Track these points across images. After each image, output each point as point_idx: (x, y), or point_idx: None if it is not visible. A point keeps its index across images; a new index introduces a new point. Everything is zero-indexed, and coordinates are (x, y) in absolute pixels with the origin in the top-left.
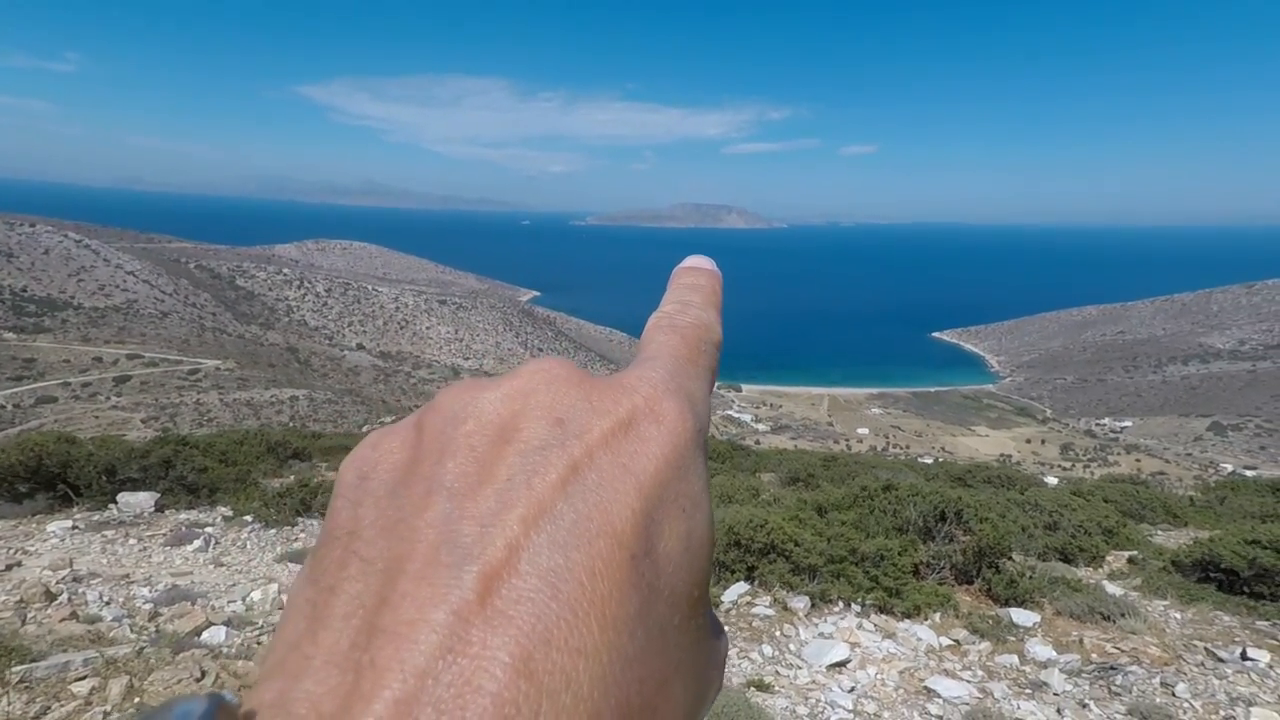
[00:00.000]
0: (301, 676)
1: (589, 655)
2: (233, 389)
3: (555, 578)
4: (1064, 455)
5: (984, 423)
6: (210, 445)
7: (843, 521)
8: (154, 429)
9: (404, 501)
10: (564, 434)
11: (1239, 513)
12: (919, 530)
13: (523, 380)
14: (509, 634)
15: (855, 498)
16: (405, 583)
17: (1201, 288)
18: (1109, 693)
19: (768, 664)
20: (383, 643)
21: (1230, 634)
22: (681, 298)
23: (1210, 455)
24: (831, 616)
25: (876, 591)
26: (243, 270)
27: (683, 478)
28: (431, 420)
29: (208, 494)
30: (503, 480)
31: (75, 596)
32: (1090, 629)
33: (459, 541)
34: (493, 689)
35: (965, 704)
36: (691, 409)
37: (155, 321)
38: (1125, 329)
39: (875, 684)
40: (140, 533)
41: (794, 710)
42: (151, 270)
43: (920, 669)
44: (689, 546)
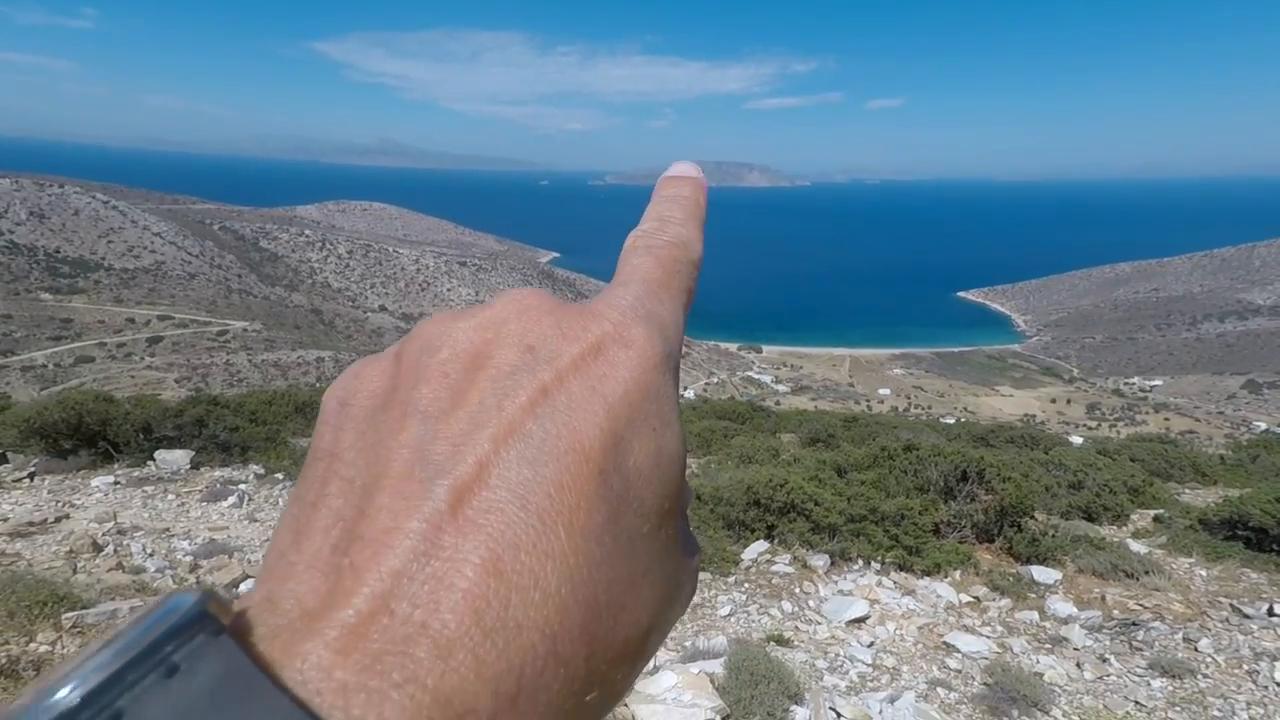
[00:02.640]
0: (286, 580)
1: (556, 558)
2: (260, 350)
3: (524, 490)
4: (1090, 415)
5: (1008, 383)
6: (241, 405)
7: (862, 481)
8: (187, 389)
9: (381, 425)
10: (534, 360)
11: (1271, 471)
12: (940, 490)
13: (496, 310)
14: (479, 539)
15: (875, 458)
16: (381, 497)
17: (1244, 241)
18: (1130, 648)
19: (787, 619)
20: (360, 548)
21: (1257, 590)
22: (661, 213)
23: (1244, 413)
24: (851, 574)
25: (896, 550)
26: (266, 232)
27: (651, 399)
28: (409, 350)
29: (240, 452)
30: (474, 404)
31: (120, 548)
32: (1113, 586)
33: (432, 459)
34: (464, 586)
35: (984, 658)
36: (660, 334)
37: (183, 283)
38: (1160, 286)
39: (894, 639)
40: (178, 489)
41: (813, 664)
42: (178, 232)
43: (940, 625)
44: (659, 463)
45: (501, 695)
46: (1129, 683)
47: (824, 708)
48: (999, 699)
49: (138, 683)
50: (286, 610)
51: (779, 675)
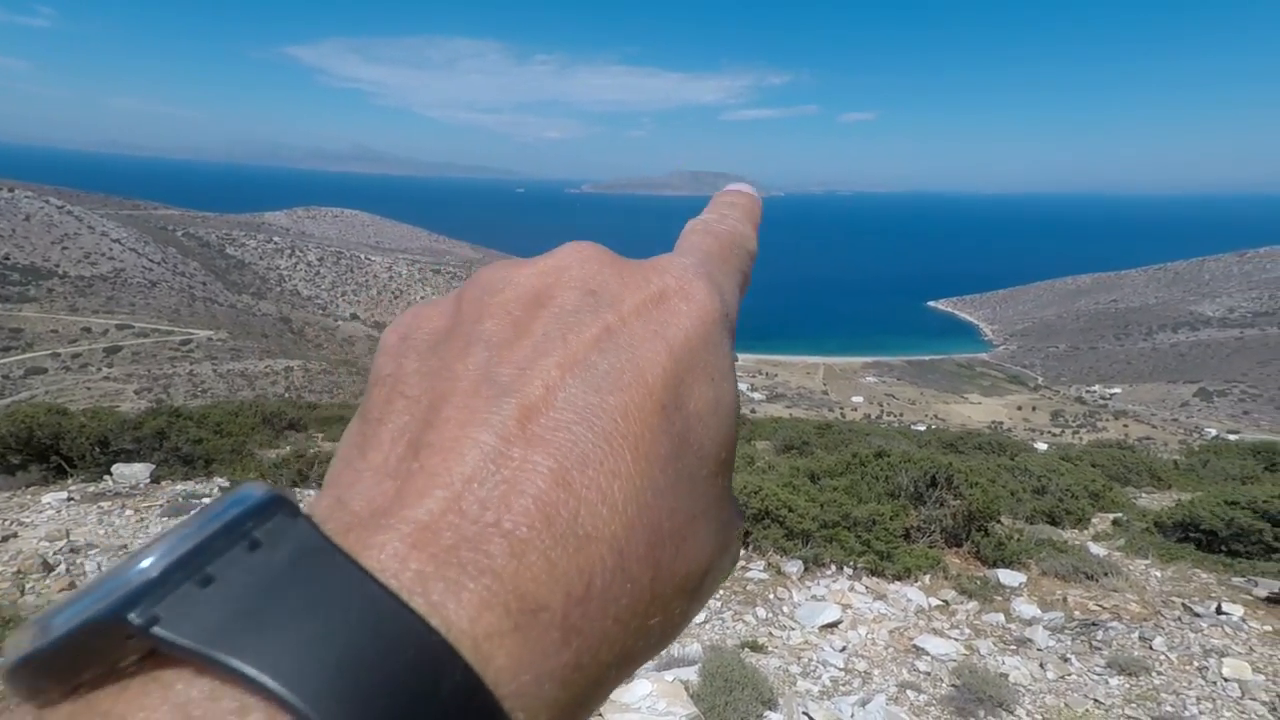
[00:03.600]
0: (354, 484)
1: (623, 478)
2: (226, 360)
3: (590, 414)
4: (1054, 422)
5: (977, 390)
6: (205, 416)
7: (835, 487)
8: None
9: (445, 353)
10: (597, 302)
11: (1220, 475)
12: (910, 495)
13: (557, 257)
14: (548, 452)
15: (848, 464)
16: (448, 410)
17: (1194, 256)
18: (1090, 647)
19: (761, 626)
20: (429, 455)
21: (1207, 590)
22: (721, 210)
23: (1196, 420)
24: (824, 579)
25: (868, 555)
26: (232, 238)
27: (711, 350)
28: (470, 291)
29: (203, 465)
30: (538, 334)
31: (73, 567)
32: (1074, 588)
33: (498, 380)
34: (534, 492)
35: (952, 660)
36: (719, 294)
37: (144, 291)
38: (1118, 297)
39: (866, 643)
40: (136, 504)
41: (787, 669)
42: (138, 238)
43: (910, 628)
44: (717, 410)
45: (573, 598)
46: (1089, 681)
47: (797, 713)
48: (966, 700)
49: (224, 552)
50: (357, 510)
51: (753, 681)
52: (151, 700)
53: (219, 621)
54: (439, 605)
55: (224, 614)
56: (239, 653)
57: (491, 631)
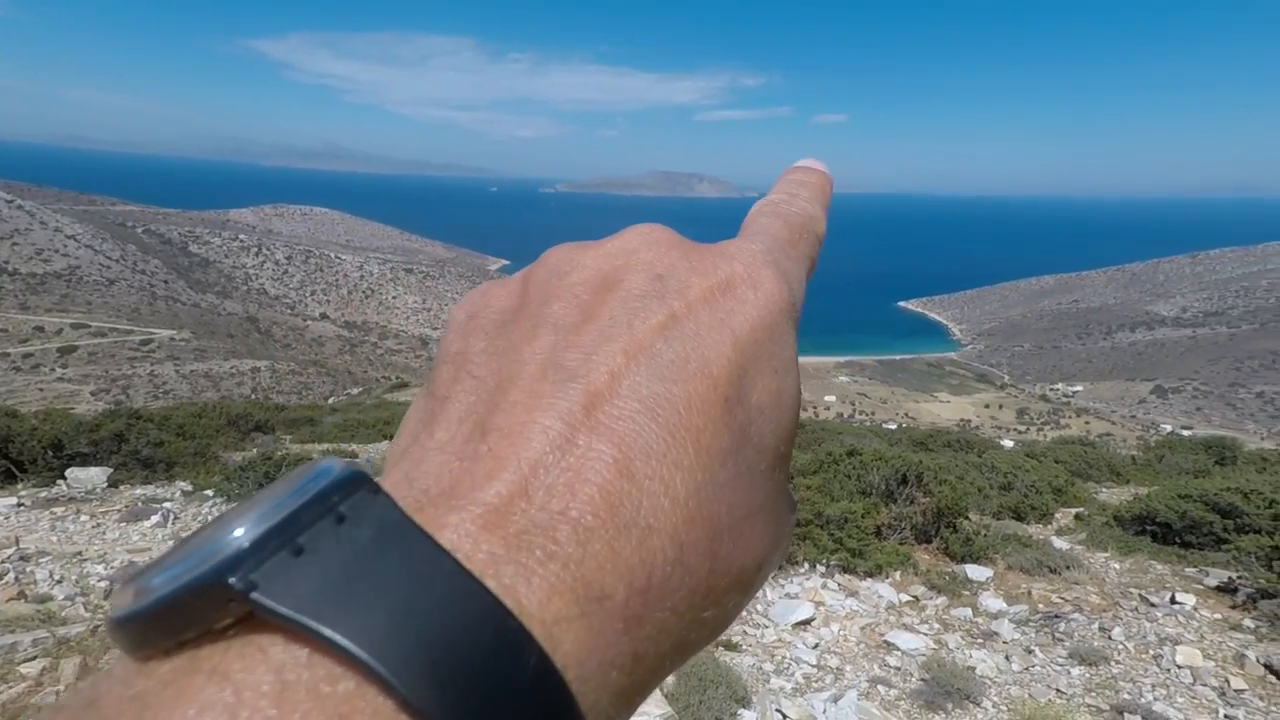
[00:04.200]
0: (421, 462)
1: (685, 470)
2: (189, 360)
3: (654, 404)
4: (1020, 419)
5: (946, 389)
6: (167, 418)
7: (808, 486)
8: (105, 402)
9: (513, 333)
10: (664, 287)
11: (1175, 470)
12: (882, 493)
13: (625, 240)
14: (612, 440)
15: (821, 463)
16: (515, 393)
17: (1150, 258)
18: (1053, 639)
19: (736, 624)
20: (497, 438)
21: (1162, 581)
22: (790, 190)
23: (1152, 417)
24: (797, 577)
25: (840, 552)
26: (196, 236)
27: (775, 342)
28: (538, 273)
29: (165, 469)
30: (605, 319)
31: (23, 576)
32: (1038, 581)
33: (564, 364)
34: (598, 481)
35: (922, 655)
36: (786, 283)
37: (101, 289)
38: (1079, 298)
39: (838, 640)
40: (93, 509)
41: (760, 667)
42: (95, 234)
43: (881, 624)
44: (779, 403)
45: (634, 588)
46: (1051, 672)
47: (770, 710)
48: (935, 693)
49: (313, 524)
50: (425, 489)
51: (727, 680)
52: (250, 662)
53: (312, 591)
54: (511, 588)
55: (317, 584)
56: (331, 622)
57: (560, 616)
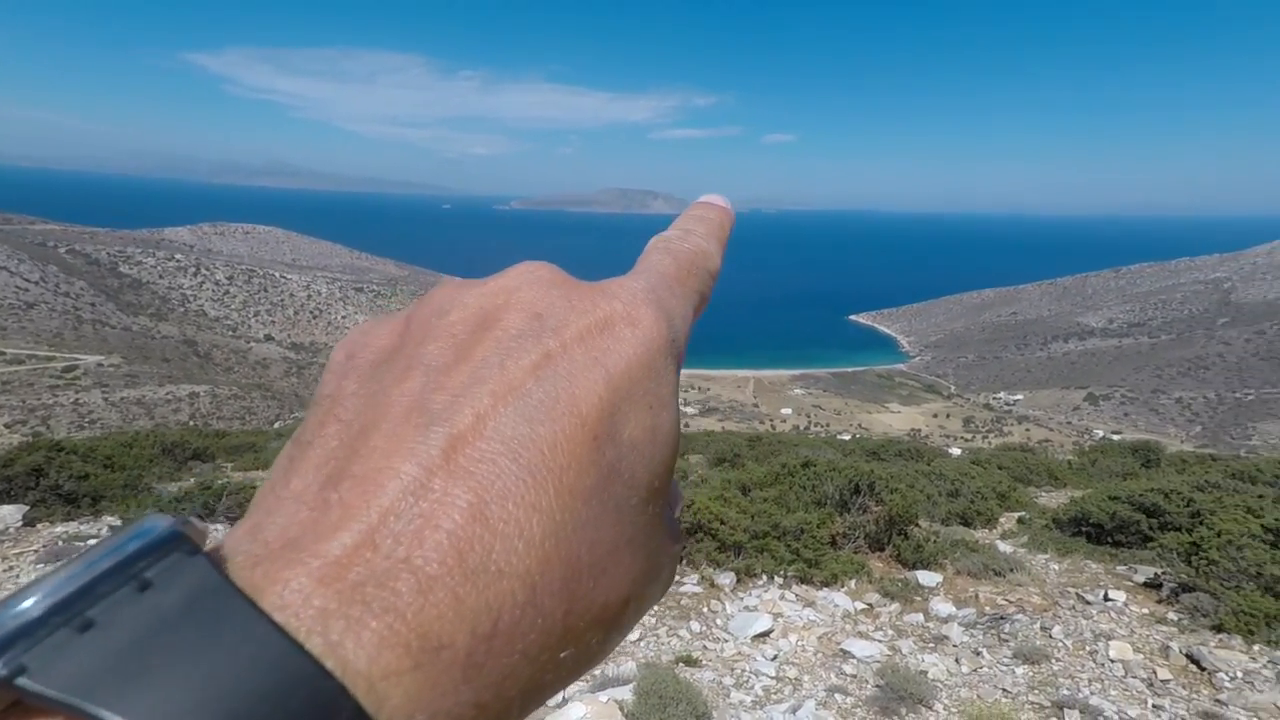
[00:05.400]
0: (272, 512)
1: (543, 512)
2: (120, 387)
3: (518, 445)
4: (966, 428)
5: (896, 400)
6: (92, 450)
7: (765, 498)
8: (21, 434)
9: (385, 375)
10: (541, 327)
11: (1106, 473)
12: (836, 503)
13: (508, 278)
14: (469, 485)
15: (777, 475)
16: (376, 438)
17: (1079, 272)
18: (999, 640)
19: (695, 639)
20: (350, 486)
21: (1096, 579)
22: (685, 225)
23: (1086, 422)
24: (756, 590)
25: (797, 563)
26: (126, 256)
27: (652, 378)
28: (420, 312)
29: (90, 503)
30: (478, 360)
31: None
32: (984, 584)
33: (430, 408)
34: (449, 527)
35: (876, 661)
36: (668, 321)
37: (18, 313)
38: (1017, 310)
39: (796, 650)
40: (5, 550)
41: (720, 681)
42: (9, 255)
43: (837, 633)
44: (653, 439)
45: (478, 635)
46: (998, 672)
47: None
48: (889, 699)
49: (109, 595)
50: (269, 541)
51: (687, 696)
52: None
53: (92, 669)
54: (337, 645)
55: (99, 661)
56: (111, 703)
57: (389, 671)
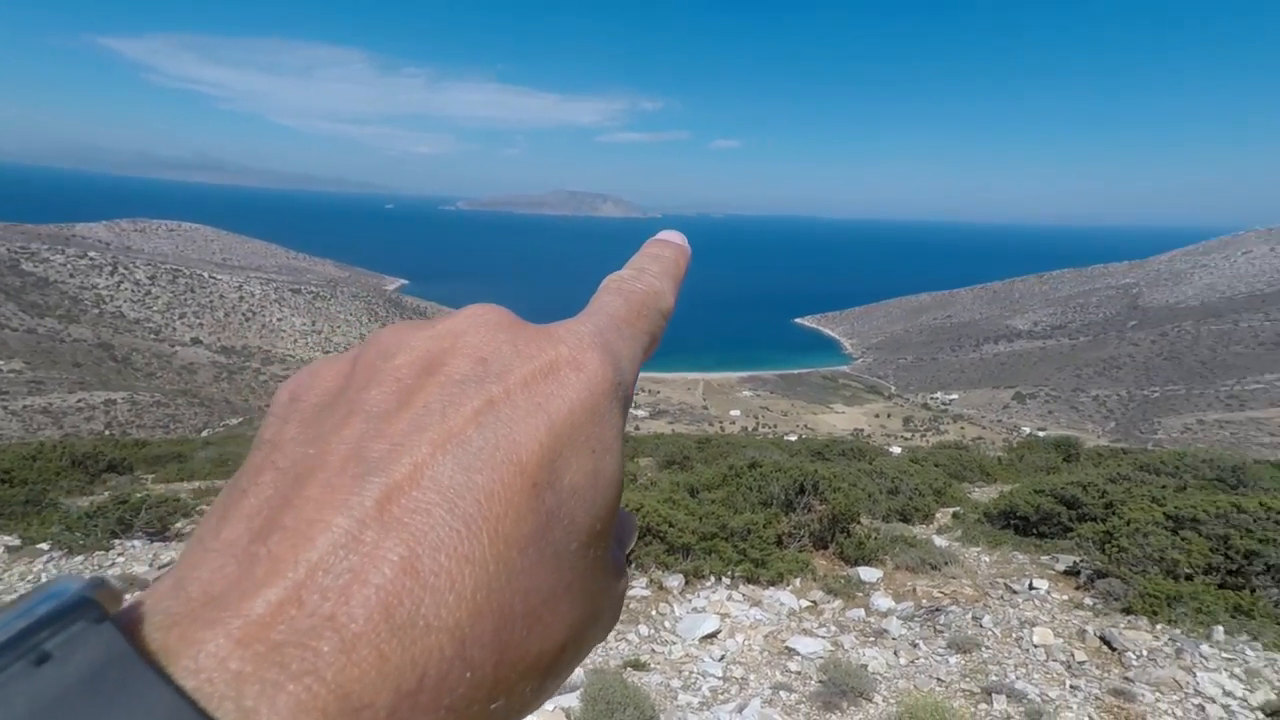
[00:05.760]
0: (198, 566)
1: (476, 563)
2: (21, 394)
3: (454, 494)
4: (906, 427)
5: (840, 400)
6: None
7: (713, 500)
8: None
9: (326, 421)
10: (485, 372)
11: (1032, 468)
12: (781, 503)
13: (456, 322)
14: (401, 537)
15: (725, 477)
16: (312, 488)
17: (1007, 277)
18: (934, 631)
19: (644, 643)
20: (281, 537)
21: (1023, 569)
22: (639, 264)
23: (1014, 420)
24: (704, 591)
25: (744, 563)
26: (30, 252)
27: (596, 422)
28: (366, 354)
29: None
30: (420, 407)
31: None
32: (922, 578)
33: (368, 457)
34: (378, 582)
35: (820, 657)
36: (614, 364)
37: None
38: (952, 313)
39: (743, 650)
40: None
41: (668, 684)
42: None
43: (783, 631)
44: (594, 483)
45: (402, 692)
46: (933, 662)
47: None
48: (831, 694)
49: (4, 669)
50: (192, 597)
51: (635, 700)
52: None
53: None
54: (251, 712)
55: None
56: None
57: None
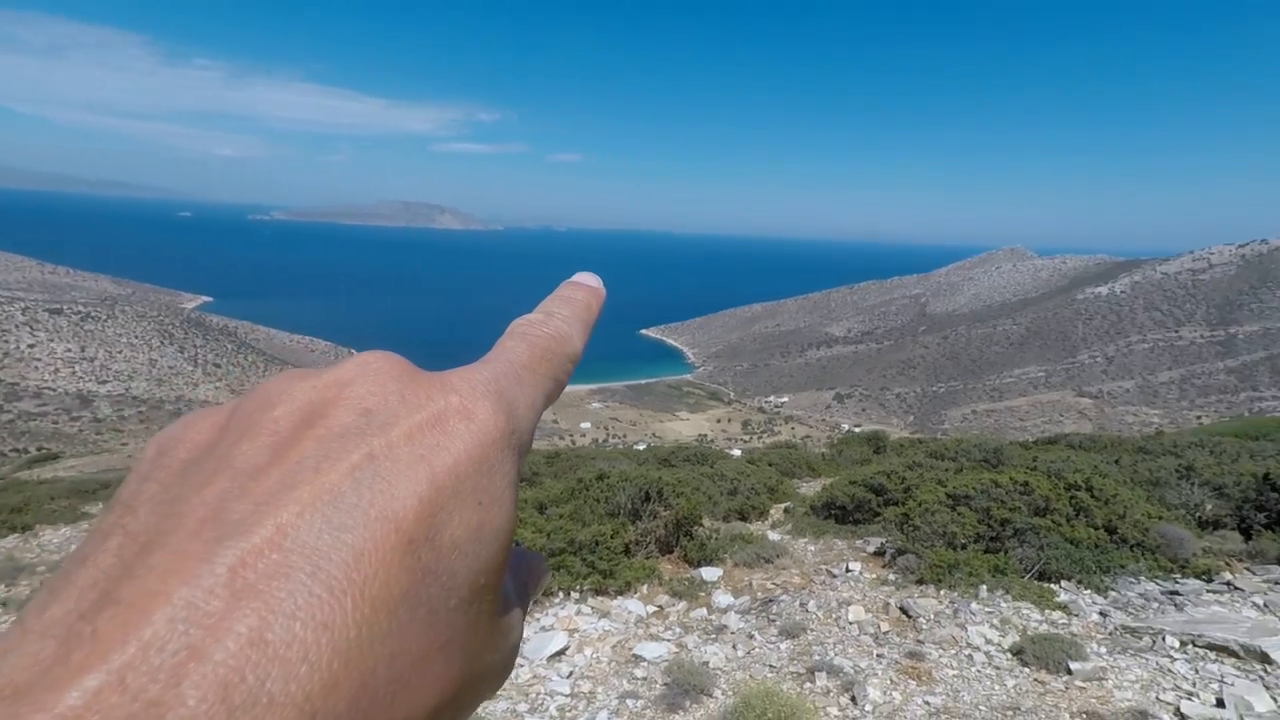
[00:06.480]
0: (10, 652)
1: (334, 629)
2: None
3: (319, 556)
4: (745, 430)
5: (685, 408)
6: None
7: (561, 514)
8: None
9: (190, 479)
10: (368, 423)
11: (849, 461)
12: (628, 512)
13: (343, 371)
14: (252, 607)
15: (573, 490)
16: (158, 555)
17: (825, 288)
18: (768, 621)
19: None
20: (112, 613)
21: (841, 555)
22: (549, 307)
23: (835, 419)
24: (552, 609)
25: (593, 576)
26: None
27: (483, 474)
28: (246, 404)
29: None
30: (293, 463)
31: None
32: (758, 573)
33: (227, 519)
34: (218, 657)
35: (665, 660)
36: (508, 412)
37: None
38: (780, 322)
39: (591, 663)
40: None
41: (514, 709)
42: None
43: (630, 639)
44: (478, 537)
45: None
46: (767, 651)
47: None
48: (675, 695)
49: None
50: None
51: None
52: None
53: None
54: None
55: None
56: None
57: None
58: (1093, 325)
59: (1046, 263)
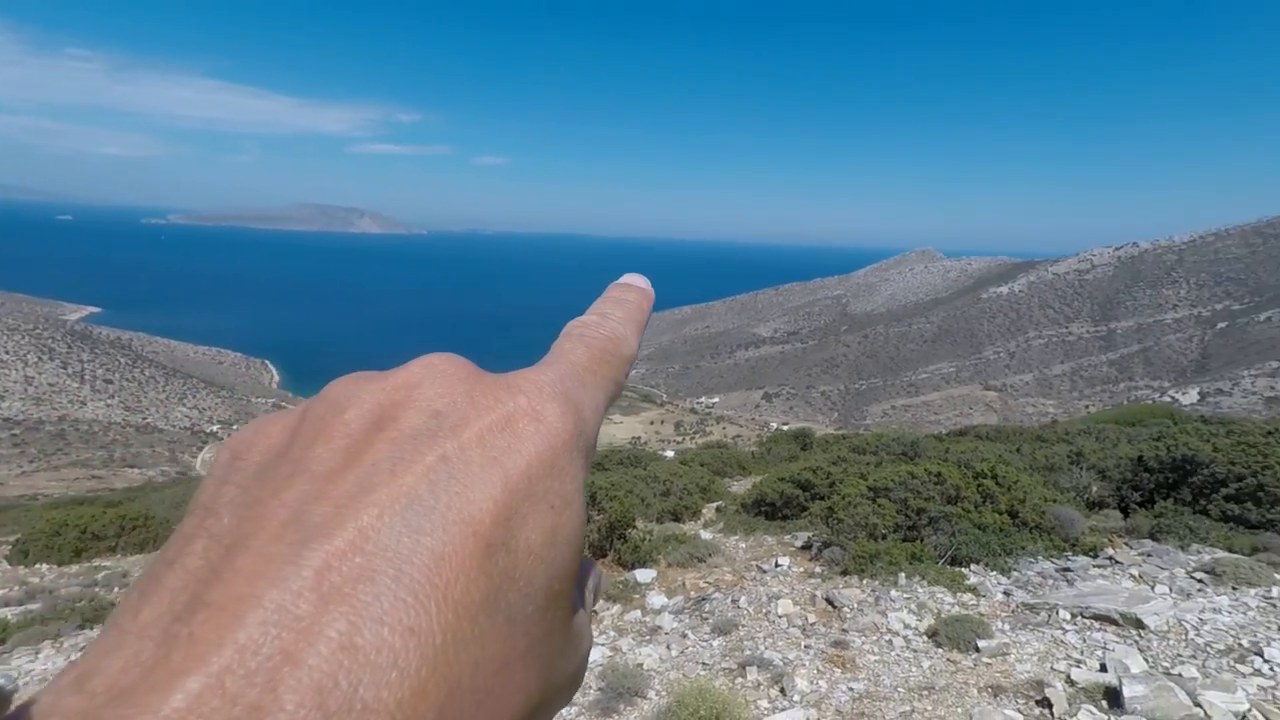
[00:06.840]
0: (109, 652)
1: (421, 634)
2: None
3: (401, 560)
4: (677, 431)
5: (619, 411)
6: None
7: None
8: None
9: (267, 482)
10: (439, 425)
11: (778, 458)
12: None
13: (410, 373)
14: (340, 611)
15: None
16: (244, 558)
17: (752, 290)
18: (701, 619)
19: None
20: (205, 616)
21: (771, 550)
22: (602, 309)
23: (765, 417)
24: None
25: None
26: None
27: (555, 476)
28: (315, 408)
29: None
30: (368, 465)
31: None
32: (691, 572)
33: (309, 521)
34: (312, 662)
35: (599, 665)
36: (575, 414)
37: None
38: (709, 324)
39: None
40: None
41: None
42: None
43: None
44: (553, 541)
45: None
46: (700, 649)
47: None
48: (609, 699)
49: None
50: (94, 692)
51: None
52: None
53: None
54: None
55: None
56: None
57: None
58: (996, 323)
59: (954, 264)
